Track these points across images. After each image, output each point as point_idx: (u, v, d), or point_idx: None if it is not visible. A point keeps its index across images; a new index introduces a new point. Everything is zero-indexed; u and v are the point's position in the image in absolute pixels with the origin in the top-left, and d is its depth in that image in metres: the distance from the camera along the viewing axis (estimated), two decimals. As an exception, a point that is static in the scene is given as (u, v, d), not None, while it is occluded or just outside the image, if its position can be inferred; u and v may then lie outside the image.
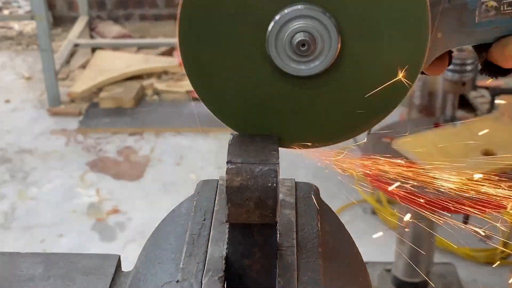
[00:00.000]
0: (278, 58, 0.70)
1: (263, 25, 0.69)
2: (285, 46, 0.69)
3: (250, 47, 0.71)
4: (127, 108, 4.11)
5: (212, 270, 0.72)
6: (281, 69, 0.71)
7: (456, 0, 0.71)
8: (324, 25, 0.69)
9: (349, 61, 0.71)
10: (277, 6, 0.69)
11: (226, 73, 0.72)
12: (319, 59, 0.70)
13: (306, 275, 0.72)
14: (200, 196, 0.83)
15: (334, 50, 0.70)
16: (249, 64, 0.72)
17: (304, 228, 0.79)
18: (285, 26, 0.69)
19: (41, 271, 0.86)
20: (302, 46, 0.69)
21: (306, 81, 0.72)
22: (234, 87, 0.73)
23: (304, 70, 0.71)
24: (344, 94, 0.73)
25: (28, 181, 3.49)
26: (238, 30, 0.70)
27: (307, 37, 0.69)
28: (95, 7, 5.18)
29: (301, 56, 0.70)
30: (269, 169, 0.68)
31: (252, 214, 0.69)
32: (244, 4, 0.69)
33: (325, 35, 0.69)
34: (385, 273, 2.71)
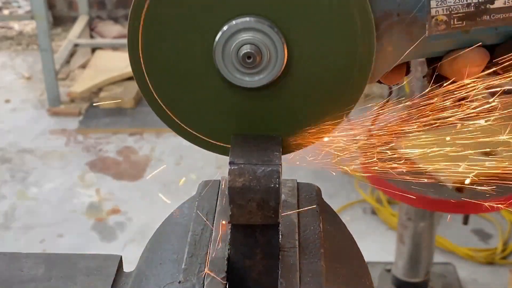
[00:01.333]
0: (225, 68, 0.70)
1: (211, 35, 0.70)
2: (232, 57, 0.70)
3: (198, 56, 0.71)
4: (127, 108, 4.11)
5: (214, 271, 0.72)
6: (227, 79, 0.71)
7: (405, 13, 0.71)
8: (271, 39, 0.69)
9: (296, 74, 0.72)
10: (226, 17, 0.69)
11: (176, 78, 0.73)
12: (264, 72, 0.70)
13: (308, 276, 0.72)
14: (202, 196, 0.83)
15: (280, 65, 0.70)
16: (198, 73, 0.72)
17: (306, 229, 0.79)
18: (232, 37, 0.69)
19: (42, 271, 0.86)
20: (248, 58, 0.69)
21: (253, 92, 0.72)
22: (185, 94, 0.73)
23: (248, 82, 0.71)
24: (292, 104, 0.73)
25: (28, 181, 3.49)
26: (187, 38, 0.70)
27: (254, 50, 0.69)
28: (95, 7, 5.18)
29: (247, 68, 0.70)
30: (271, 170, 0.69)
31: (254, 215, 0.69)
32: (193, 13, 0.69)
33: (271, 49, 0.69)
34: (385, 273, 2.71)
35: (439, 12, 0.71)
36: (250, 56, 0.69)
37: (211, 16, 0.69)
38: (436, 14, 0.71)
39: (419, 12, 0.71)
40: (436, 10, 0.71)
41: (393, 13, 0.71)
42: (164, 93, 0.74)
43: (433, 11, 0.71)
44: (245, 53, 0.69)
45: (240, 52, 0.69)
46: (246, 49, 0.69)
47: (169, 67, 0.72)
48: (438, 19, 0.71)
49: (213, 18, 0.69)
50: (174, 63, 0.72)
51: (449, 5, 0.71)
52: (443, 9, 0.71)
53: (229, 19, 0.69)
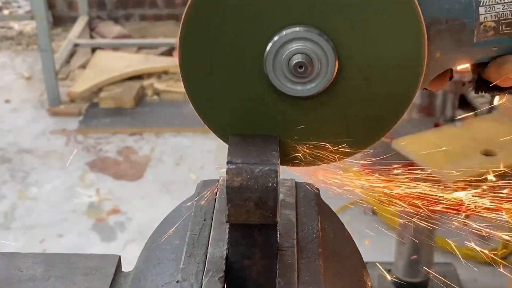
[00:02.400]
0: (275, 78, 0.71)
1: (262, 45, 0.70)
2: (283, 67, 0.70)
3: (248, 65, 0.72)
4: (127, 108, 4.11)
5: (212, 270, 0.72)
6: (278, 88, 0.71)
7: (454, 20, 0.71)
8: (321, 48, 0.69)
9: (347, 83, 0.72)
10: (276, 27, 0.70)
11: (223, 88, 0.73)
12: (315, 81, 0.71)
13: (306, 275, 0.72)
14: (201, 196, 0.83)
15: (331, 73, 0.70)
16: (246, 81, 0.72)
17: (305, 228, 0.79)
18: (283, 47, 0.70)
19: (41, 271, 0.86)
20: (299, 67, 0.70)
21: (302, 101, 0.73)
22: (230, 102, 0.74)
23: (300, 91, 0.71)
24: (341, 114, 0.73)
25: (28, 181, 3.49)
26: (237, 47, 0.71)
27: (305, 59, 0.69)
28: (95, 7, 5.18)
29: (298, 77, 0.70)
30: (269, 170, 0.69)
31: (252, 215, 0.69)
32: (244, 23, 0.70)
33: (322, 57, 0.70)
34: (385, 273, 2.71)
35: (488, 19, 0.71)
36: (302, 66, 0.69)
37: (261, 27, 0.70)
38: (484, 20, 0.71)
39: (467, 19, 0.71)
40: (485, 16, 0.71)
41: (442, 20, 0.71)
42: (214, 105, 0.74)
43: (481, 18, 0.71)
44: (296, 63, 0.69)
45: (291, 62, 0.70)
46: (297, 58, 0.69)
47: (219, 80, 0.72)
48: (486, 25, 0.71)
49: (263, 29, 0.70)
50: (224, 75, 0.72)
51: (497, 11, 0.71)
52: (492, 15, 0.71)
53: (279, 29, 0.70)
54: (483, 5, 0.71)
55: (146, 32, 5.12)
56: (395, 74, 0.71)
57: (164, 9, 5.22)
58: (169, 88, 4.27)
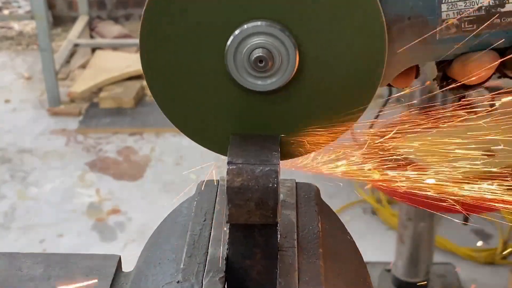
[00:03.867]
0: (236, 72, 0.71)
1: (223, 38, 0.70)
2: (244, 61, 0.70)
3: (210, 59, 0.71)
4: (127, 108, 4.11)
5: (213, 270, 0.72)
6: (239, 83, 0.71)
7: (417, 17, 0.71)
8: (283, 43, 0.69)
9: (307, 78, 0.72)
10: (238, 21, 0.69)
11: (186, 83, 0.73)
12: (276, 75, 0.71)
13: (307, 275, 0.72)
14: (201, 196, 0.83)
15: (292, 68, 0.70)
16: (208, 77, 0.72)
17: (305, 228, 0.79)
18: (244, 41, 0.70)
19: (41, 271, 0.86)
20: (259, 62, 0.69)
21: (265, 95, 0.72)
22: (193, 97, 0.74)
23: (260, 86, 0.71)
24: (304, 108, 0.73)
25: (28, 181, 3.49)
26: (198, 41, 0.71)
27: (265, 54, 0.69)
28: (95, 7, 5.18)
29: (258, 72, 0.70)
30: (269, 170, 0.69)
31: (252, 215, 0.69)
32: (205, 16, 0.70)
33: (283, 52, 0.70)
34: (385, 273, 2.71)
35: (450, 16, 0.71)
36: (262, 60, 0.69)
37: (223, 20, 0.70)
38: (446, 17, 0.71)
39: (430, 16, 0.71)
40: (447, 13, 0.71)
41: (405, 17, 0.71)
42: (173, 96, 0.74)
43: (443, 15, 0.71)
44: (257, 57, 0.69)
45: (252, 56, 0.69)
46: (258, 53, 0.69)
47: (178, 71, 0.72)
48: (449, 22, 0.71)
49: (225, 23, 0.70)
50: (184, 67, 0.72)
51: (459, 8, 0.71)
52: (454, 12, 0.71)
53: (240, 23, 0.69)
54: (446, 2, 0.71)
55: (146, 32, 5.11)
56: (356, 70, 0.71)
57: (164, 9, 5.21)
58: (169, 88, 4.26)
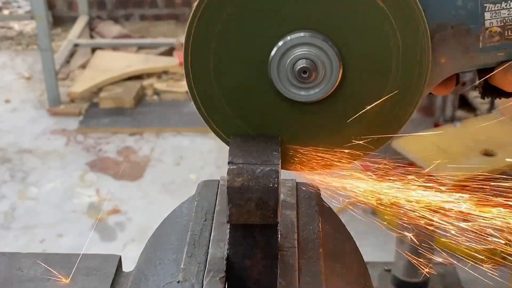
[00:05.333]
0: (279, 82, 0.71)
1: (267, 49, 0.70)
2: (287, 72, 0.70)
3: (253, 68, 0.72)
4: (127, 108, 4.11)
5: (213, 270, 0.72)
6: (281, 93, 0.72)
7: (459, 26, 0.71)
8: (326, 54, 0.69)
9: (350, 89, 0.72)
10: (281, 32, 0.70)
11: (229, 92, 0.73)
12: (319, 86, 0.71)
13: (307, 275, 0.72)
14: (201, 196, 0.83)
15: (335, 79, 0.70)
16: (251, 85, 0.73)
17: (305, 228, 0.79)
18: (287, 52, 0.70)
19: (41, 271, 0.86)
20: (303, 73, 0.70)
21: (306, 105, 0.73)
22: (235, 106, 0.74)
23: (303, 96, 0.71)
24: (344, 119, 0.73)
25: (28, 181, 3.49)
26: (243, 52, 0.71)
27: (309, 64, 0.69)
28: (95, 7, 5.17)
29: (302, 83, 0.70)
30: (270, 170, 0.69)
31: (253, 215, 0.69)
32: (249, 28, 0.70)
33: (327, 63, 0.70)
34: (385, 273, 2.71)
35: (493, 24, 0.71)
36: (306, 71, 0.69)
37: (266, 32, 0.70)
38: (490, 25, 0.71)
39: (473, 24, 0.71)
40: (490, 22, 0.71)
41: (447, 25, 0.71)
42: (216, 105, 0.74)
43: (487, 23, 0.71)
44: (300, 68, 0.69)
45: (295, 67, 0.70)
46: (301, 64, 0.69)
47: (224, 82, 0.73)
48: (492, 30, 0.71)
49: (268, 34, 0.70)
50: (229, 77, 0.72)
51: (503, 16, 0.71)
52: (497, 20, 0.71)
53: (284, 34, 0.70)
54: (489, 10, 0.70)
55: (146, 32, 5.12)
56: (398, 82, 0.71)
57: (164, 9, 5.22)
58: (169, 88, 4.27)
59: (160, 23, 5.23)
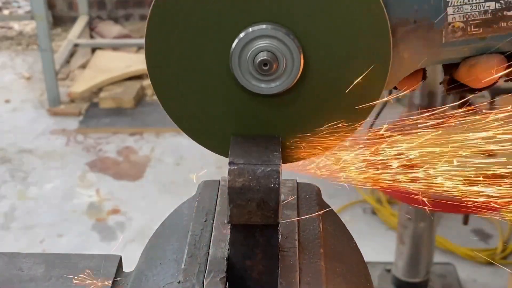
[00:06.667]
0: (241, 75, 0.71)
1: (228, 41, 0.70)
2: (248, 64, 0.70)
3: (214, 61, 0.71)
4: (127, 108, 4.11)
5: (213, 271, 0.72)
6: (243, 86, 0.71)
7: (422, 21, 0.71)
8: (287, 46, 0.69)
9: (312, 81, 0.72)
10: (243, 24, 0.70)
11: (190, 84, 0.73)
12: (280, 79, 0.71)
13: (308, 276, 0.72)
14: (202, 196, 0.83)
15: (297, 71, 0.70)
16: (213, 78, 0.72)
17: (306, 229, 0.79)
18: (249, 45, 0.70)
19: (42, 271, 0.86)
20: (264, 65, 0.69)
21: (268, 98, 0.72)
22: (197, 98, 0.73)
23: (264, 89, 0.71)
24: (308, 111, 0.73)
25: (28, 181, 3.49)
26: (203, 43, 0.71)
27: (270, 57, 0.69)
28: (95, 7, 5.18)
29: (263, 75, 0.70)
30: (271, 170, 0.69)
31: (254, 215, 0.69)
32: (210, 19, 0.70)
33: (288, 56, 0.70)
34: (385, 273, 2.71)
35: (456, 19, 0.71)
36: (267, 63, 0.69)
37: (228, 23, 0.70)
38: (453, 20, 0.71)
39: (436, 19, 0.71)
40: (453, 17, 0.71)
41: (410, 20, 0.71)
42: (177, 97, 0.74)
43: (450, 18, 0.71)
44: (261, 60, 0.69)
45: (256, 59, 0.69)
46: (262, 56, 0.69)
47: (183, 72, 0.72)
48: (455, 25, 0.71)
49: (230, 26, 0.70)
50: (189, 68, 0.72)
51: (466, 12, 0.70)
52: (460, 15, 0.71)
53: (245, 26, 0.70)
54: (452, 5, 0.70)
55: (146, 32, 5.12)
56: (361, 73, 0.71)
57: (164, 9, 5.21)
58: (169, 88, 4.26)
59: (160, 23, 5.23)
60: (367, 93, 0.72)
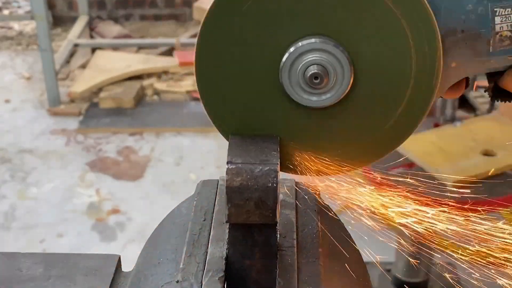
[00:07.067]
0: (291, 88, 0.71)
1: (278, 55, 0.71)
2: (298, 78, 0.70)
3: (264, 75, 0.72)
4: (127, 108, 4.11)
5: (212, 270, 0.72)
6: (292, 98, 0.72)
7: (469, 30, 0.71)
8: (337, 59, 0.70)
9: (361, 94, 0.72)
10: (292, 38, 0.70)
11: (239, 96, 0.73)
12: (331, 91, 0.71)
13: (306, 275, 0.72)
14: (200, 196, 0.83)
15: (347, 84, 0.71)
16: (262, 91, 0.73)
17: (304, 228, 0.79)
18: (299, 58, 0.70)
19: (41, 271, 0.86)
20: (315, 78, 0.70)
21: (318, 111, 0.73)
22: (245, 110, 0.74)
23: (315, 102, 0.72)
24: (355, 124, 0.74)
25: (28, 181, 3.49)
26: (253, 57, 0.71)
27: (320, 70, 0.70)
28: (95, 7, 5.18)
29: (313, 88, 0.71)
30: (269, 169, 0.69)
31: (252, 214, 0.69)
32: (261, 34, 0.70)
33: (338, 68, 0.70)
34: (385, 273, 2.71)
35: (504, 28, 0.71)
36: (317, 77, 0.70)
37: (278, 37, 0.70)
38: (500, 30, 0.71)
39: (483, 29, 0.71)
40: (501, 26, 0.71)
41: (457, 30, 0.71)
42: (226, 110, 0.74)
43: (497, 27, 0.71)
44: (312, 74, 0.70)
45: (307, 73, 0.70)
46: (313, 69, 0.70)
47: (233, 85, 0.73)
48: (502, 35, 0.71)
49: (279, 40, 0.70)
50: (239, 81, 0.72)
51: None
52: (508, 25, 0.71)
53: (295, 40, 0.70)
54: (499, 15, 0.71)
55: (146, 32, 5.12)
56: (410, 86, 0.72)
57: (164, 9, 5.22)
58: (169, 88, 4.27)
59: (160, 23, 5.24)
60: (417, 103, 0.72)
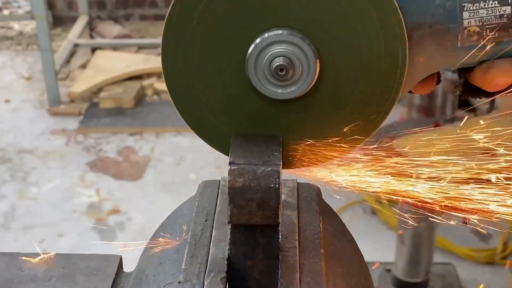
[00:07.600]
0: (257, 80, 0.71)
1: (244, 47, 0.70)
2: (264, 69, 0.70)
3: (230, 66, 0.72)
4: (127, 108, 4.11)
5: (214, 271, 0.72)
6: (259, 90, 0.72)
7: (437, 25, 0.71)
8: (303, 52, 0.69)
9: (328, 86, 0.72)
10: (259, 29, 0.70)
11: (204, 87, 0.73)
12: (296, 84, 0.71)
13: (308, 276, 0.72)
14: (202, 196, 0.83)
15: (312, 77, 0.70)
16: (227, 82, 0.73)
17: (306, 229, 0.79)
18: (265, 50, 0.70)
19: (42, 271, 0.86)
20: (280, 70, 0.70)
21: (285, 103, 0.73)
22: (210, 99, 0.74)
23: (280, 94, 0.71)
24: (324, 115, 0.74)
25: (28, 181, 3.49)
26: (219, 48, 0.71)
27: (286, 62, 0.69)
28: (95, 7, 5.18)
29: (279, 80, 0.70)
30: (271, 170, 0.69)
31: (254, 215, 0.69)
32: (226, 25, 0.70)
33: (304, 61, 0.70)
34: (385, 273, 2.71)
35: (472, 23, 0.71)
36: (283, 69, 0.69)
37: (244, 29, 0.70)
38: (468, 25, 0.71)
39: (451, 23, 0.71)
40: (469, 21, 0.71)
41: (426, 24, 0.71)
42: (191, 98, 0.74)
43: (465, 22, 0.71)
44: (277, 66, 0.69)
45: (272, 65, 0.70)
46: (278, 61, 0.69)
47: (198, 75, 0.73)
48: (470, 30, 0.71)
49: (246, 31, 0.70)
50: (204, 71, 0.72)
51: (481, 16, 0.71)
52: (476, 20, 0.71)
53: (261, 32, 0.70)
54: (467, 10, 0.71)
55: (146, 32, 5.12)
56: (376, 79, 0.71)
57: (164, 9, 5.22)
58: (169, 88, 4.26)
59: (160, 23, 5.22)
60: (383, 97, 0.72)
